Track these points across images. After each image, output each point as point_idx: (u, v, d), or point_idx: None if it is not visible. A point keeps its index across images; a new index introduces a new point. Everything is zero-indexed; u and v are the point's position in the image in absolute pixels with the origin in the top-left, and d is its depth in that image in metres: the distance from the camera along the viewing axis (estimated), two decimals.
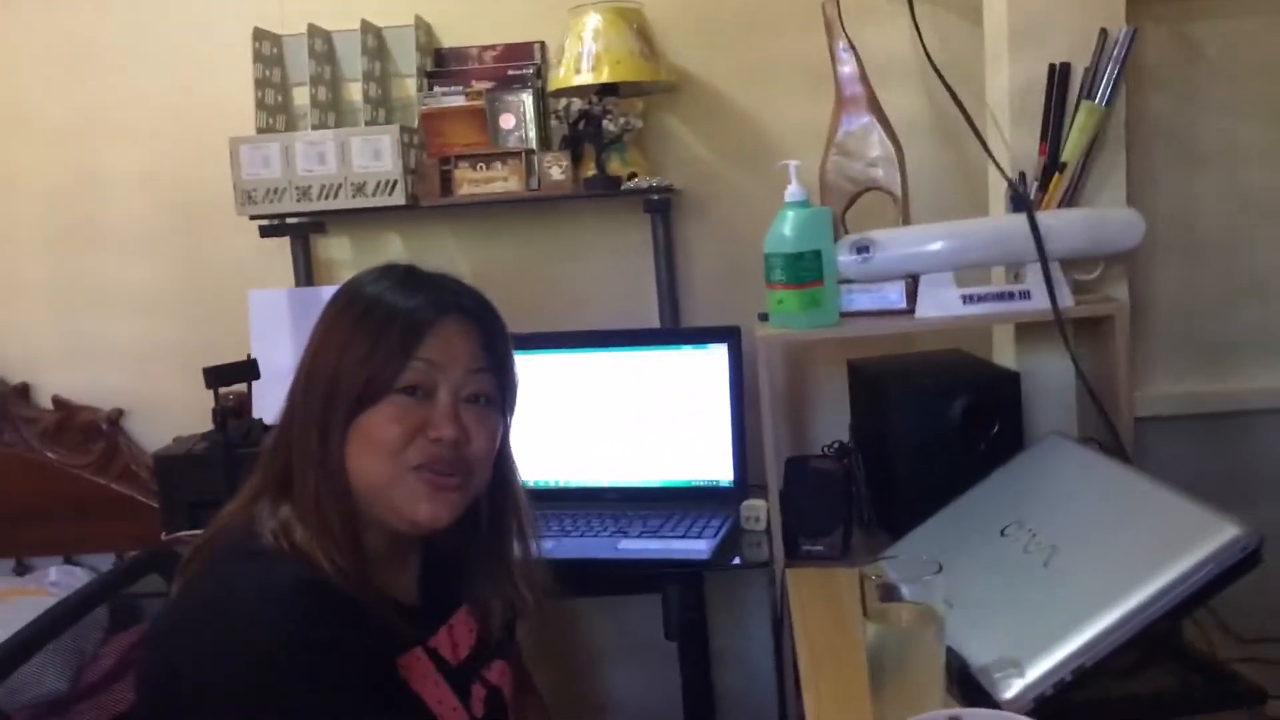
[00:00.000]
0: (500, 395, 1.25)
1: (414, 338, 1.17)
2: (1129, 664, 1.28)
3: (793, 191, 1.71)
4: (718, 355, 2.00)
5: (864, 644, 1.21)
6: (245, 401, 2.22)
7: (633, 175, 2.17)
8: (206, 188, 2.31)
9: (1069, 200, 1.78)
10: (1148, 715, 1.21)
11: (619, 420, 2.05)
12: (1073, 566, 1.27)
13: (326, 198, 2.12)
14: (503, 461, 1.30)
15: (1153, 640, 1.25)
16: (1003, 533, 1.40)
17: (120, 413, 2.44)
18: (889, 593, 1.21)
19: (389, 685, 1.15)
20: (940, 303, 1.70)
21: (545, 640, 2.31)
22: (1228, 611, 1.35)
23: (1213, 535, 1.15)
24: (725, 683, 2.35)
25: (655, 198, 2.15)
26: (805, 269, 1.70)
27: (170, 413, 2.36)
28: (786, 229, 1.70)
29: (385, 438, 1.16)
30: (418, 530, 1.21)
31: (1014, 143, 1.84)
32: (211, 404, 1.99)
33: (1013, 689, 1.16)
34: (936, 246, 1.70)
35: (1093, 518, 1.33)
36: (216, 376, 1.91)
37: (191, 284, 2.41)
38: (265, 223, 2.21)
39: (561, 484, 2.07)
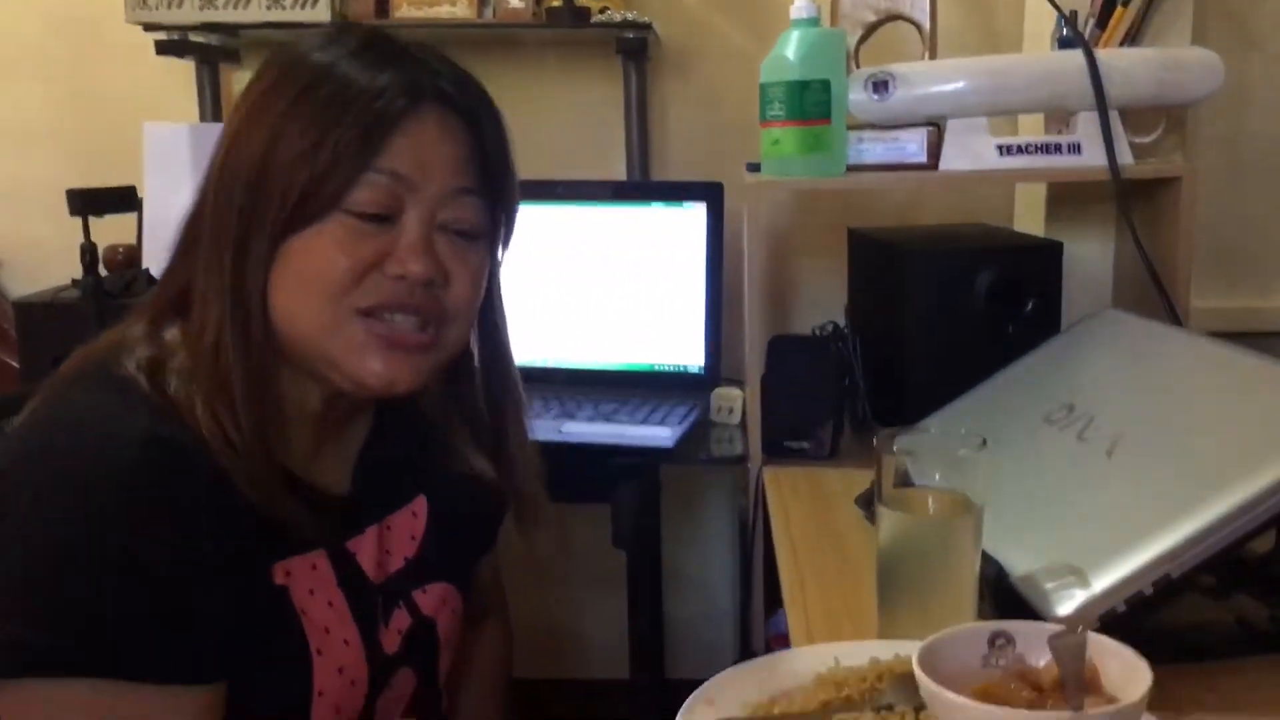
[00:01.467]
0: (490, 224, 0.93)
1: (375, 137, 0.83)
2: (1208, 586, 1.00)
3: (801, 6, 1.39)
4: (694, 216, 1.69)
5: (876, 540, 0.93)
6: (135, 255, 1.90)
7: (605, 9, 1.84)
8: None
9: (1129, 45, 1.48)
10: (1229, 649, 0.92)
11: (571, 289, 1.74)
12: (1148, 455, 0.97)
13: (235, 7, 1.77)
14: (491, 311, 0.99)
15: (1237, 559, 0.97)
16: (1048, 419, 1.11)
17: None
18: (903, 480, 0.92)
19: (252, 599, 0.83)
20: (970, 153, 1.40)
21: None
22: None
23: None
24: (677, 609, 2.07)
25: (629, 35, 1.83)
26: (810, 102, 1.38)
27: (47, 264, 2.01)
28: (790, 51, 1.39)
29: (326, 271, 0.84)
30: (365, 394, 0.90)
31: None
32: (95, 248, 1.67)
33: (1073, 602, 0.87)
34: (970, 84, 1.39)
35: (1172, 396, 1.04)
36: (84, 202, 1.57)
37: (77, 113, 2.07)
38: (163, 37, 1.86)
39: None
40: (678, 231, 1.70)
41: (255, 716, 0.82)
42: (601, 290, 1.72)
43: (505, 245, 0.97)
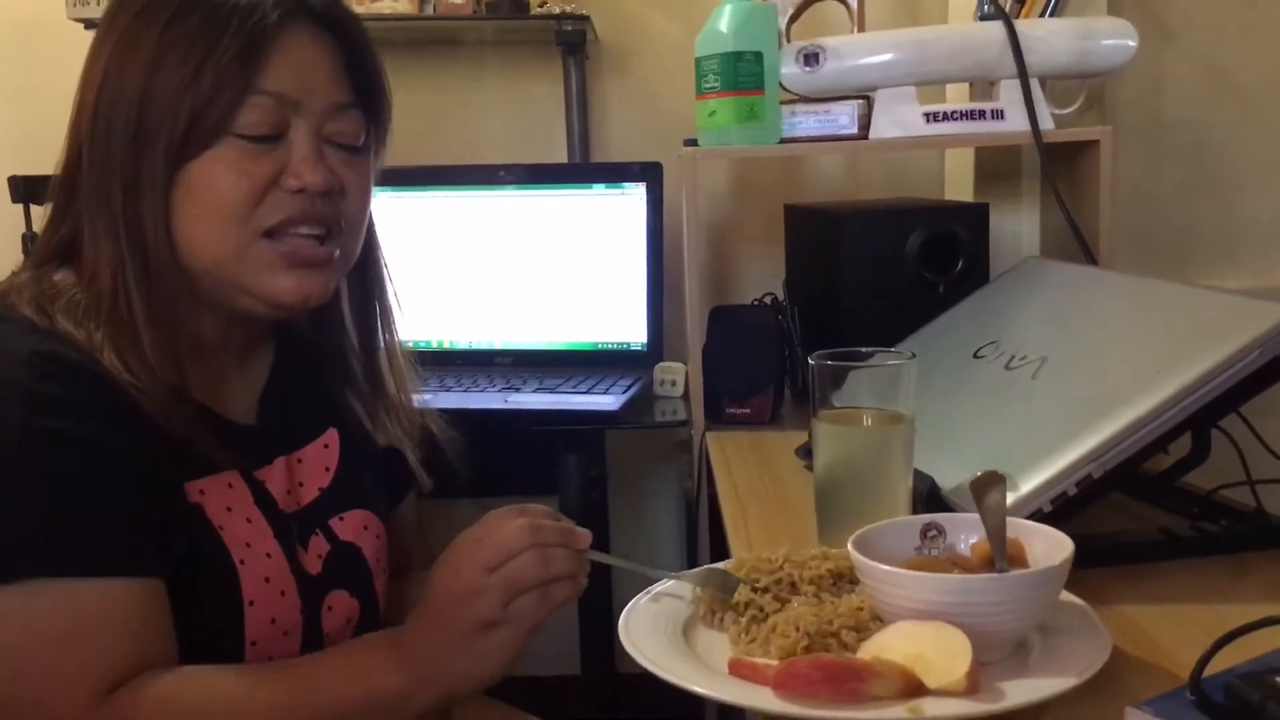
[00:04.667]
0: (368, 136, 0.95)
1: (253, 56, 0.85)
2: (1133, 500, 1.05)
3: None
4: (634, 197, 1.72)
5: (813, 462, 0.96)
6: None
7: (544, 4, 1.88)
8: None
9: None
10: (1153, 553, 0.96)
11: (516, 272, 1.76)
12: (1071, 374, 1.02)
13: None
14: (369, 228, 1.00)
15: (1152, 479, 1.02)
16: (976, 355, 1.15)
17: None
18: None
19: (166, 508, 0.84)
20: (899, 121, 1.45)
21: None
22: None
23: (1259, 318, 0.91)
24: (627, 596, 2.07)
25: (568, 28, 1.87)
26: (744, 73, 1.43)
27: None
28: (723, 24, 1.44)
29: (226, 195, 0.86)
30: (280, 314, 0.92)
31: None
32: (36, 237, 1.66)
33: None
34: (897, 55, 1.44)
35: (1093, 324, 1.08)
36: (26, 189, 1.57)
37: (20, 112, 2.04)
38: None
39: (445, 345, 1.77)
40: (619, 214, 1.73)
41: (191, 627, 0.83)
42: (544, 272, 1.75)
43: (380, 160, 0.99)
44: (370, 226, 1.01)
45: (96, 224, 0.86)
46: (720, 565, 0.86)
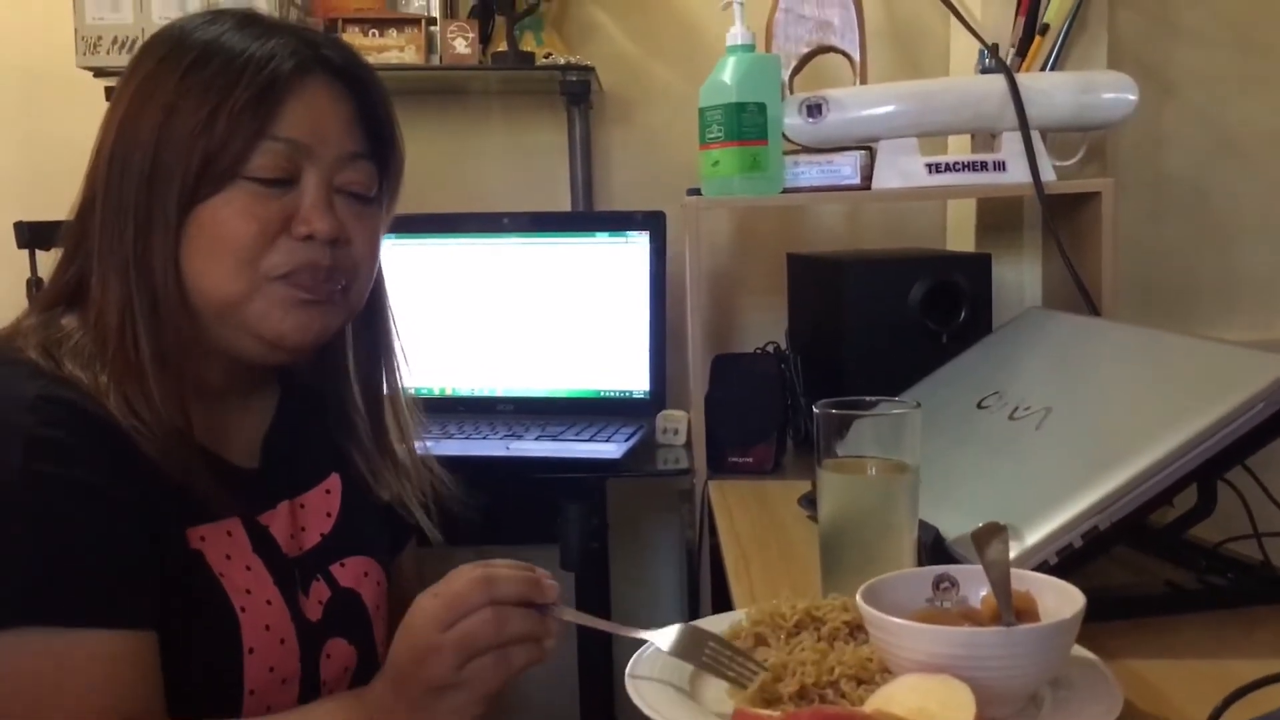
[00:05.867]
0: (379, 188, 0.96)
1: (268, 102, 0.87)
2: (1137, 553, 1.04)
3: (736, 34, 1.46)
4: (638, 246, 1.72)
5: (817, 510, 0.95)
6: None
7: (549, 55, 1.90)
8: (50, 45, 1.97)
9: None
10: (1160, 607, 0.95)
11: (518, 319, 1.76)
12: (1076, 425, 1.01)
13: None
14: (378, 280, 1.01)
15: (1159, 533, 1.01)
16: (980, 405, 1.14)
17: None
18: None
19: (166, 555, 0.83)
20: (902, 172, 1.46)
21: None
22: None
23: (1264, 371, 0.90)
24: (626, 653, 2.05)
25: (573, 79, 1.88)
26: (748, 123, 1.44)
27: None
28: (727, 76, 1.45)
29: (236, 237, 0.87)
30: (281, 355, 0.92)
31: (984, 15, 1.62)
32: (41, 282, 1.66)
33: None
34: (899, 107, 1.45)
35: (1097, 375, 1.08)
36: (32, 234, 1.57)
37: (30, 159, 2.05)
38: (112, 83, 1.88)
39: (446, 392, 1.77)
40: (622, 262, 1.73)
41: (190, 674, 0.82)
42: (547, 320, 1.75)
43: (390, 212, 1.00)
44: (379, 278, 1.02)
45: (106, 264, 0.87)
46: (697, 623, 0.83)
